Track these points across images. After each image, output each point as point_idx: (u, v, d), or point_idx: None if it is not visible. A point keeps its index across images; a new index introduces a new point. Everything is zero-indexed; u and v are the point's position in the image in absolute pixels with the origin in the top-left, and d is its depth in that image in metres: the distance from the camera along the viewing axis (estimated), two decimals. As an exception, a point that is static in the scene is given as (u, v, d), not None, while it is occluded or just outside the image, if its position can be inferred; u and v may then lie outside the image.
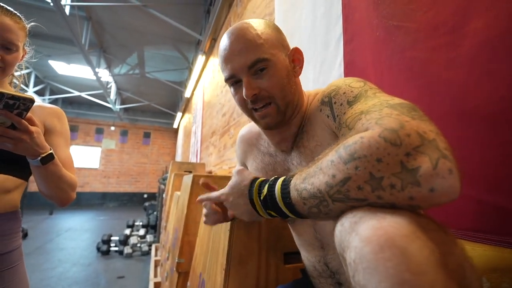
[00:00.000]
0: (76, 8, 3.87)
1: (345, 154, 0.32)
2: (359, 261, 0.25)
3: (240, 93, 0.55)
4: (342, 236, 0.29)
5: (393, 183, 0.29)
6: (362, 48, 0.89)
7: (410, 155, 0.28)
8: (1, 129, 0.57)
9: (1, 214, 0.74)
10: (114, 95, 7.55)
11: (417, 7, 0.69)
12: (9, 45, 0.72)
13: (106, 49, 5.57)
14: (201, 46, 4.02)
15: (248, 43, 0.53)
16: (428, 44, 0.65)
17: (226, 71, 0.55)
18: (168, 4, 3.89)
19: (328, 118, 0.51)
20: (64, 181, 0.73)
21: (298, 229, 0.65)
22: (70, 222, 6.20)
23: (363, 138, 0.31)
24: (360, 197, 0.31)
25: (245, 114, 0.60)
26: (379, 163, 0.29)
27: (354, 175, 0.31)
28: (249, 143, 0.72)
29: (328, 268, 0.59)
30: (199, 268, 0.94)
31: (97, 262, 3.37)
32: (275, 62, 0.53)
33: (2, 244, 0.74)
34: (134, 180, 10.23)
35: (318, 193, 0.34)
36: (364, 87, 0.47)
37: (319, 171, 0.35)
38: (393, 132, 0.30)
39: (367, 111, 0.38)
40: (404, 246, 0.23)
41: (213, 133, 3.71)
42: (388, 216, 0.27)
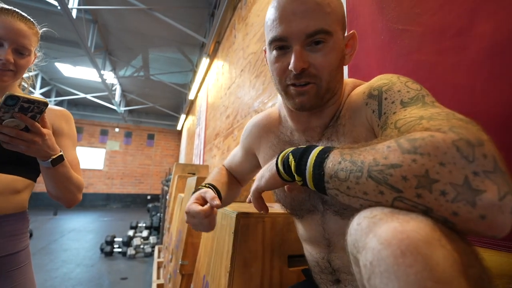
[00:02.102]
0: (83, 12, 3.93)
1: (407, 145, 0.30)
2: (376, 263, 0.24)
3: (282, 62, 0.49)
4: (358, 236, 0.28)
5: (446, 190, 0.27)
6: (366, 52, 0.89)
7: (478, 176, 0.27)
8: (15, 131, 0.58)
9: (10, 214, 0.75)
10: (119, 97, 7.62)
11: (422, 10, 0.69)
12: (22, 49, 0.73)
13: (112, 52, 5.63)
14: (206, 49, 4.04)
15: (316, 6, 0.46)
16: (434, 48, 0.65)
17: (277, 30, 0.47)
18: (173, 7, 3.93)
19: (373, 113, 0.46)
20: (71, 183, 0.74)
21: (306, 226, 0.63)
22: (74, 223, 6.24)
23: (433, 137, 0.29)
24: (397, 186, 0.29)
25: (276, 87, 0.53)
26: (441, 166, 0.28)
27: (407, 165, 0.29)
28: (266, 130, 0.66)
29: (330, 265, 0.59)
30: (202, 270, 0.94)
31: (100, 263, 3.39)
32: (335, 39, 0.48)
33: (11, 244, 0.75)
34: (137, 181, 10.28)
35: (360, 162, 0.32)
36: (421, 91, 0.43)
37: (371, 149, 0.33)
38: (470, 145, 0.28)
39: (429, 117, 0.35)
40: (427, 253, 0.22)
41: (216, 135, 3.72)
42: (412, 220, 0.26)
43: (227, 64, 3.44)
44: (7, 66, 0.71)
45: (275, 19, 0.48)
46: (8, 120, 0.57)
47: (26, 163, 0.75)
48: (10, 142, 0.59)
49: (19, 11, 0.74)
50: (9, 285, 0.72)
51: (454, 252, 0.24)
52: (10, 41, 0.71)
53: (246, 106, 2.41)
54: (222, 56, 3.76)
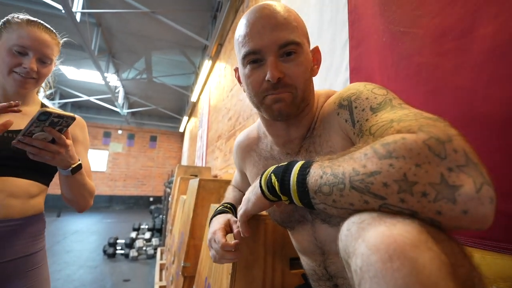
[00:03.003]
0: (87, 15, 3.97)
1: (382, 150, 0.31)
2: (366, 269, 0.24)
3: (258, 75, 0.50)
4: (348, 242, 0.28)
5: (426, 191, 0.28)
6: (368, 54, 0.89)
7: (453, 171, 0.27)
8: (43, 143, 0.62)
9: (28, 216, 0.78)
10: (122, 99, 7.67)
11: (424, 13, 0.69)
12: (45, 59, 0.77)
13: (115, 54, 5.68)
14: (208, 51, 4.07)
15: (284, 20, 0.48)
16: (435, 50, 0.65)
17: (249, 45, 0.49)
18: (176, 11, 3.96)
19: (346, 122, 0.48)
20: (86, 189, 0.79)
21: (298, 237, 0.64)
22: (77, 224, 6.26)
23: (405, 139, 0.30)
24: (380, 194, 0.30)
25: (252, 100, 0.54)
26: (417, 167, 0.28)
27: (386, 171, 0.29)
28: (247, 149, 0.69)
29: (327, 272, 0.59)
30: (204, 272, 0.94)
31: (103, 264, 3.39)
32: (304, 51, 0.50)
33: (30, 245, 0.79)
34: (140, 183, 10.31)
35: (341, 174, 0.33)
36: (387, 95, 0.45)
37: (349, 159, 0.34)
38: (440, 143, 0.29)
39: (399, 119, 0.36)
40: (414, 256, 0.23)
41: (219, 137, 3.73)
42: (398, 223, 0.26)
43: (229, 66, 3.46)
44: (31, 74, 0.75)
45: (246, 35, 0.50)
46: (38, 134, 0.61)
47: (41, 169, 0.79)
48: (38, 154, 0.63)
49: (44, 22, 0.79)
50: (27, 285, 0.75)
51: (441, 253, 0.24)
52: (35, 51, 0.75)
53: (248, 108, 2.42)
54: (224, 58, 3.78)
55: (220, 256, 0.57)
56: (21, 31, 0.74)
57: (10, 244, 0.74)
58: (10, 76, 0.74)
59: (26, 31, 0.74)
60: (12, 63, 0.73)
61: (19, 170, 0.74)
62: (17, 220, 0.75)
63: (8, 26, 0.74)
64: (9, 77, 0.74)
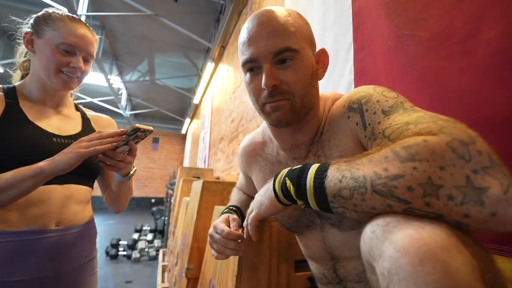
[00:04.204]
0: (91, 18, 4.01)
1: (404, 153, 0.30)
2: (394, 271, 0.24)
3: (256, 82, 0.50)
4: (373, 244, 0.28)
5: (453, 194, 0.27)
6: (373, 57, 0.89)
7: (478, 173, 0.27)
8: (123, 156, 0.66)
9: (88, 222, 0.80)
10: (125, 101, 7.71)
11: (429, 16, 0.69)
12: (89, 57, 0.76)
13: (118, 57, 5.72)
14: (211, 54, 4.09)
15: (280, 27, 0.48)
16: (440, 53, 0.65)
17: (247, 53, 0.50)
18: (179, 13, 3.99)
19: (357, 126, 0.47)
20: (131, 193, 0.84)
21: (306, 242, 0.63)
22: (80, 225, 6.27)
23: (427, 141, 0.29)
24: (404, 198, 0.29)
25: (255, 106, 0.55)
26: (441, 170, 0.28)
27: (409, 174, 0.29)
28: (252, 154, 0.68)
29: (336, 275, 0.58)
30: (209, 274, 0.94)
31: (106, 266, 3.40)
32: (302, 56, 0.49)
33: (91, 249, 0.81)
34: (142, 184, 10.34)
35: (362, 178, 0.32)
36: (398, 98, 0.44)
37: (369, 162, 0.33)
38: (464, 144, 0.28)
39: (415, 122, 0.35)
40: (446, 260, 0.22)
41: (221, 139, 3.74)
42: (427, 226, 0.26)
43: (232, 68, 3.47)
44: (77, 74, 0.74)
45: (244, 43, 0.51)
46: (122, 147, 0.65)
47: (93, 175, 0.81)
48: (115, 165, 0.66)
49: (81, 19, 0.77)
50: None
51: (472, 258, 0.24)
52: (82, 49, 0.72)
53: (251, 110, 2.42)
54: (227, 61, 3.79)
55: (223, 245, 0.56)
56: (67, 29, 0.70)
57: (78, 251, 0.75)
58: (58, 76, 0.71)
59: (72, 28, 0.71)
60: (61, 62, 0.70)
61: (79, 177, 0.75)
62: (81, 226, 0.77)
63: (51, 22, 0.70)
64: (56, 77, 0.71)
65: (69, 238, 0.73)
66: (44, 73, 0.71)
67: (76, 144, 0.62)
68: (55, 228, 0.70)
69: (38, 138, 0.69)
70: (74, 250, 0.74)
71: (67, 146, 0.69)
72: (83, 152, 0.60)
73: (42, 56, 0.70)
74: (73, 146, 0.61)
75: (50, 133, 0.72)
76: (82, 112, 0.88)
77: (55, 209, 0.69)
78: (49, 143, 0.70)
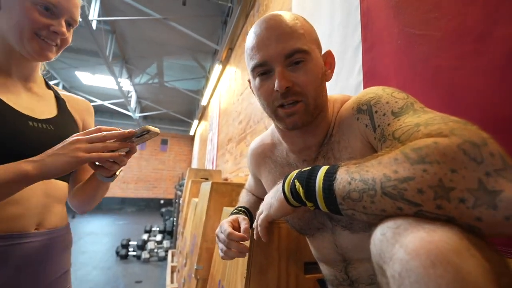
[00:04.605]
0: (102, 23, 4.10)
1: (414, 155, 0.30)
2: (405, 274, 0.24)
3: (268, 86, 0.50)
4: (383, 247, 0.27)
5: (464, 197, 0.27)
6: (382, 57, 0.88)
7: (491, 176, 0.26)
8: (121, 157, 0.56)
9: (66, 225, 0.68)
10: (134, 103, 7.84)
11: (440, 15, 0.68)
12: (73, 22, 0.62)
13: (128, 60, 5.82)
14: (218, 56, 4.12)
15: (289, 29, 0.48)
16: (453, 52, 0.64)
17: (257, 57, 0.49)
18: (187, 17, 4.03)
19: (366, 127, 0.47)
20: (106, 192, 0.71)
21: (317, 244, 0.62)
22: (91, 226, 6.41)
23: (438, 144, 0.29)
24: (415, 200, 0.29)
25: (266, 111, 0.54)
26: (453, 173, 0.27)
27: (420, 177, 0.28)
28: (262, 156, 0.68)
29: (348, 277, 0.58)
30: (218, 275, 0.95)
31: (116, 266, 3.46)
32: (313, 57, 0.49)
33: (67, 258, 0.68)
34: (151, 186, 10.48)
35: (371, 180, 0.32)
36: (408, 99, 0.44)
37: (378, 164, 0.33)
38: (475, 146, 0.28)
39: (425, 123, 0.35)
40: (458, 263, 0.22)
41: (229, 140, 3.75)
42: (438, 229, 0.25)
43: (239, 70, 3.48)
44: (57, 40, 0.60)
45: (253, 48, 0.50)
46: (123, 149, 0.56)
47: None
48: (109, 168, 0.56)
49: None
50: None
51: (484, 261, 0.23)
52: (66, 11, 0.59)
53: (259, 111, 2.42)
54: (235, 63, 3.81)
55: (226, 246, 0.56)
56: None
57: (57, 260, 0.63)
58: (33, 40, 0.56)
59: None
60: (38, 23, 0.55)
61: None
62: (61, 230, 0.65)
63: None
64: (30, 42, 0.56)
65: (49, 243, 0.60)
66: (14, 35, 0.56)
67: (73, 144, 0.49)
68: (35, 232, 0.57)
69: (11, 121, 0.54)
70: (54, 259, 0.62)
71: (46, 133, 0.58)
72: (84, 158, 0.49)
73: (12, 13, 0.55)
74: (69, 146, 0.49)
75: (24, 114, 0.57)
76: (55, 90, 0.72)
77: (35, 208, 0.57)
78: (25, 128, 0.56)
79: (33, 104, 0.62)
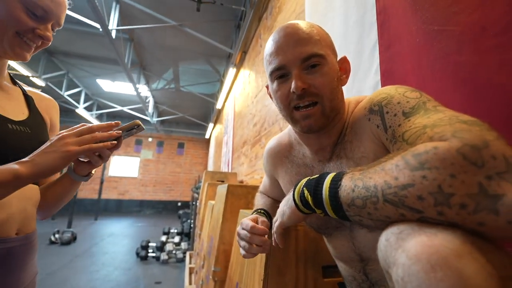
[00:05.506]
0: (121, 32, 4.27)
1: (414, 162, 0.30)
2: (407, 279, 0.24)
3: (284, 88, 0.52)
4: (388, 252, 0.28)
5: (465, 203, 0.26)
6: (400, 55, 0.86)
7: (492, 180, 0.26)
8: (106, 152, 0.56)
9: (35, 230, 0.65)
10: (152, 108, 8.08)
11: (460, 9, 0.66)
12: (57, 26, 0.62)
13: (145, 67, 6.02)
14: (232, 59, 4.16)
15: (306, 35, 0.51)
16: (476, 47, 0.62)
17: (275, 62, 0.52)
18: (201, 22, 4.12)
19: (378, 128, 0.47)
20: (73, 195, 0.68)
21: (335, 243, 0.62)
22: (112, 227, 6.64)
23: (437, 149, 0.29)
24: (416, 207, 0.29)
25: (282, 114, 0.56)
26: (452, 178, 0.27)
27: (419, 183, 0.28)
28: (279, 156, 0.69)
29: (367, 278, 0.57)
30: (235, 277, 0.95)
31: (136, 267, 3.55)
32: (328, 61, 0.52)
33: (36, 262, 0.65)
34: (168, 188, 10.71)
35: (373, 187, 0.32)
36: (421, 98, 0.43)
37: (381, 170, 0.33)
38: (475, 150, 0.27)
39: (432, 125, 0.35)
40: (459, 267, 0.22)
41: (244, 143, 3.78)
42: (440, 233, 0.25)
43: (253, 73, 3.50)
44: (39, 42, 0.58)
45: (271, 53, 0.53)
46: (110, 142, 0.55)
47: None
48: (95, 163, 0.56)
49: None
50: None
51: (488, 264, 0.23)
52: (53, 16, 0.58)
53: (274, 113, 2.43)
54: (249, 66, 3.84)
55: (248, 241, 0.57)
56: None
57: (31, 264, 0.62)
58: (13, 39, 0.54)
59: None
60: (23, 25, 0.54)
61: None
62: (35, 234, 0.64)
63: None
64: (10, 40, 0.54)
65: (28, 248, 0.60)
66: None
67: (62, 140, 0.48)
68: (16, 237, 0.57)
69: None
70: (30, 263, 0.61)
71: (25, 136, 0.57)
72: (74, 151, 0.47)
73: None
74: (58, 143, 0.48)
75: (3, 117, 0.55)
76: (21, 87, 0.69)
77: (17, 213, 0.57)
78: (6, 131, 0.54)
79: (5, 104, 0.60)
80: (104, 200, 9.62)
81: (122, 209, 9.94)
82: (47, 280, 2.84)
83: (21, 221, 0.58)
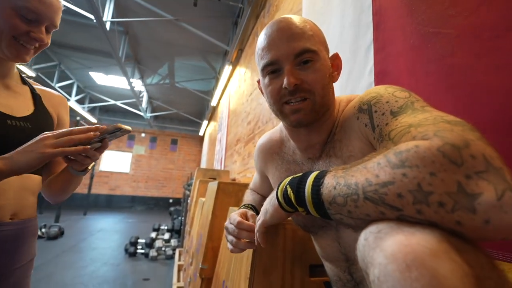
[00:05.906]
0: (116, 24, 4.19)
1: (395, 160, 0.30)
2: (383, 279, 0.23)
3: (276, 84, 0.52)
4: (366, 251, 0.28)
5: (443, 201, 0.26)
6: (395, 56, 0.86)
7: (471, 179, 0.26)
8: (92, 152, 0.60)
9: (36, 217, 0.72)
10: (146, 103, 7.98)
11: (456, 12, 0.65)
12: (53, 27, 0.65)
13: (140, 61, 5.94)
14: (228, 57, 4.14)
15: (299, 31, 0.50)
16: (470, 50, 0.62)
17: (268, 57, 0.52)
18: (198, 18, 4.08)
19: (366, 127, 0.47)
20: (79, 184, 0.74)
21: (321, 243, 0.62)
22: (102, 223, 6.54)
23: (418, 147, 0.29)
24: (395, 205, 0.29)
25: (272, 108, 0.56)
26: (431, 176, 0.27)
27: (399, 181, 0.28)
28: (270, 152, 0.69)
29: (352, 278, 0.57)
30: (222, 275, 0.94)
31: (124, 263, 3.51)
32: (321, 58, 0.51)
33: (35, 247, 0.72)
34: (161, 185, 10.62)
35: (354, 185, 0.33)
36: (409, 98, 0.43)
37: (363, 168, 0.33)
38: (456, 149, 0.27)
39: (417, 124, 0.35)
40: (434, 266, 0.22)
41: (237, 141, 3.76)
42: (417, 232, 0.25)
43: (249, 71, 3.49)
44: (35, 44, 0.63)
45: (264, 48, 0.53)
46: (95, 144, 0.60)
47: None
48: (81, 161, 0.60)
49: None
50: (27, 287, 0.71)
51: (464, 264, 0.23)
52: (46, 18, 0.62)
53: (268, 112, 2.42)
54: (245, 63, 3.82)
55: (236, 236, 0.57)
56: None
57: (27, 248, 0.68)
58: (11, 44, 0.60)
59: None
60: (18, 30, 0.59)
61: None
62: (34, 220, 0.71)
63: None
64: (8, 45, 0.60)
65: (21, 233, 0.66)
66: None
67: (42, 141, 0.53)
68: (10, 221, 0.63)
69: None
70: (25, 247, 0.67)
71: (24, 131, 0.62)
72: (48, 153, 0.52)
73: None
74: (37, 144, 0.53)
75: (2, 113, 0.61)
76: (30, 85, 0.74)
77: (12, 199, 0.62)
78: (3, 127, 0.60)
79: (11, 102, 0.65)
80: (94, 195, 9.48)
81: (112, 205, 9.81)
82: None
83: (17, 208, 0.65)
